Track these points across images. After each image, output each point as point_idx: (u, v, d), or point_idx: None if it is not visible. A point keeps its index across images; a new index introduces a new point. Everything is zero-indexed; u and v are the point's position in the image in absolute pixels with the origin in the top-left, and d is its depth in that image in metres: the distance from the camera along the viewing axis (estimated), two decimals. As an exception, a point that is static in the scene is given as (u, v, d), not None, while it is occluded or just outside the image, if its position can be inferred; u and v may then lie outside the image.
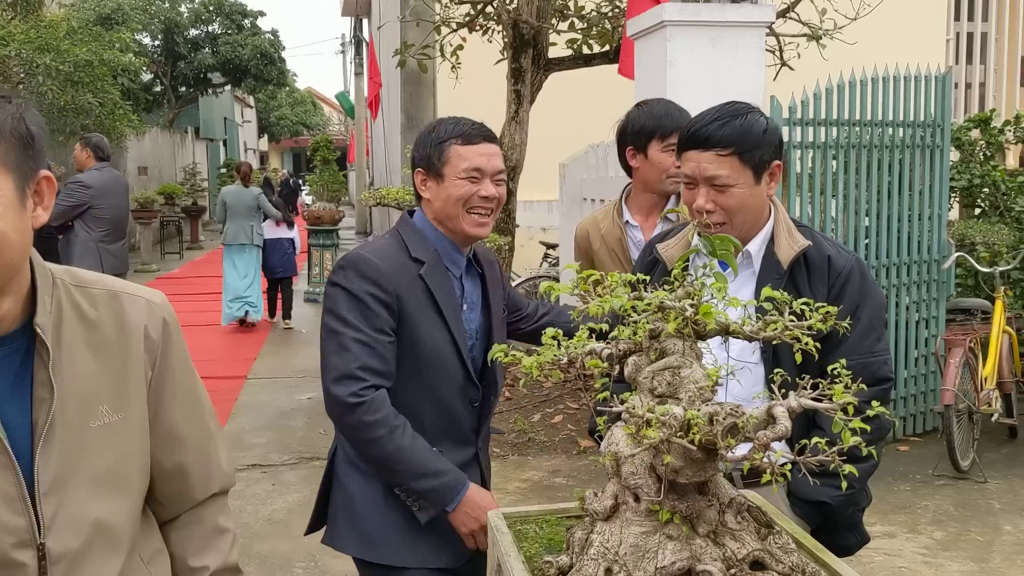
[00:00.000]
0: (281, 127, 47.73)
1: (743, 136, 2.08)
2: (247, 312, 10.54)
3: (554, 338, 1.71)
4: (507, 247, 6.81)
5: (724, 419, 1.36)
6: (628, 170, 3.05)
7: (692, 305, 1.48)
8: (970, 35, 13.49)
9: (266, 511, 5.19)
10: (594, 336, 1.70)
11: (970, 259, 6.19)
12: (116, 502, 1.47)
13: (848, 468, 1.28)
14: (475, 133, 2.27)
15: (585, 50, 7.33)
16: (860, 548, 2.32)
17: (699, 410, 1.38)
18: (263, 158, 53.53)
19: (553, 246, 11.51)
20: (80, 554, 1.40)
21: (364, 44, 24.01)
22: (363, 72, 25.33)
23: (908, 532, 4.71)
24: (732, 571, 1.45)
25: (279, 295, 11.13)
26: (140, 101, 24.44)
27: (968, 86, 13.65)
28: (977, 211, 7.47)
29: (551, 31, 7.09)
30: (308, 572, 4.40)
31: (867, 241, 5.94)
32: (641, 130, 2.93)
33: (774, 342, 1.53)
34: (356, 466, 2.31)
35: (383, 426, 2.13)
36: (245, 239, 10.26)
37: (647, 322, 1.58)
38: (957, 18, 13.49)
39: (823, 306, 1.54)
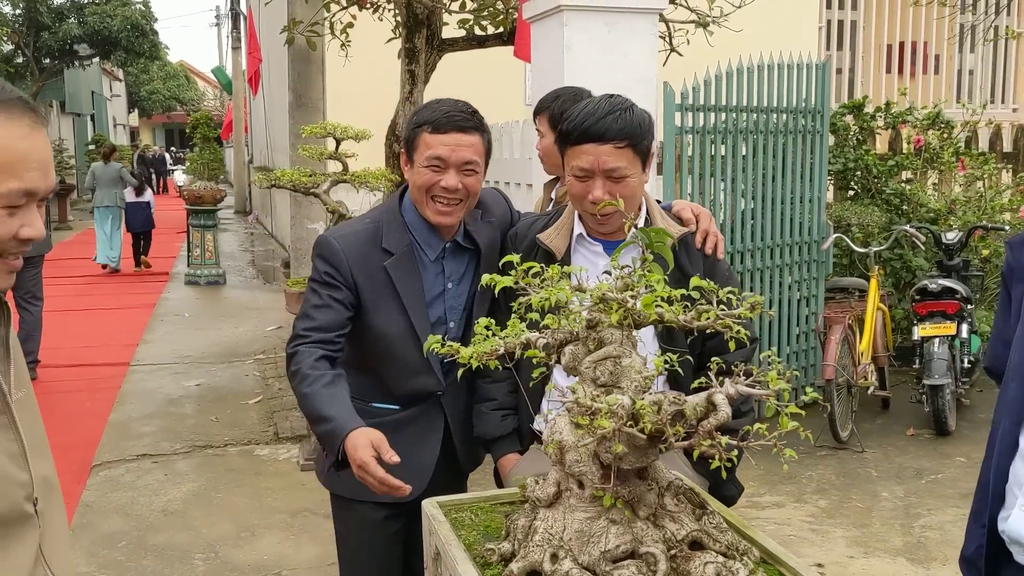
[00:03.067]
0: (153, 102, 45.89)
1: (635, 128, 2.18)
2: (109, 260, 13.59)
3: (487, 328, 1.74)
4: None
5: (668, 407, 1.41)
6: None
7: (632, 297, 1.53)
8: (840, 23, 14.06)
9: (160, 502, 5.04)
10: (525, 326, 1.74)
11: (847, 239, 6.50)
12: (50, 465, 1.54)
13: (788, 452, 1.35)
14: (447, 122, 2.29)
15: (479, 31, 7.31)
16: (739, 497, 2.47)
17: (643, 399, 1.43)
18: (134, 133, 51.44)
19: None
20: (46, 510, 1.47)
21: (242, 17, 23.31)
22: (240, 47, 24.58)
23: (795, 501, 4.95)
24: (672, 552, 1.52)
25: (140, 248, 14.12)
26: (0, 73, 23.09)
27: (839, 72, 14.23)
28: (850, 193, 7.83)
29: (444, 11, 7.04)
30: (209, 563, 4.31)
31: (752, 222, 6.16)
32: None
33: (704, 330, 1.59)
34: None
35: (297, 375, 2.27)
36: (110, 203, 13.36)
37: (586, 313, 1.62)
38: (829, 6, 14.03)
39: (751, 295, 1.62)
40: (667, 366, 1.49)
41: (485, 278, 1.69)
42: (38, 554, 1.46)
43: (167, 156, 39.06)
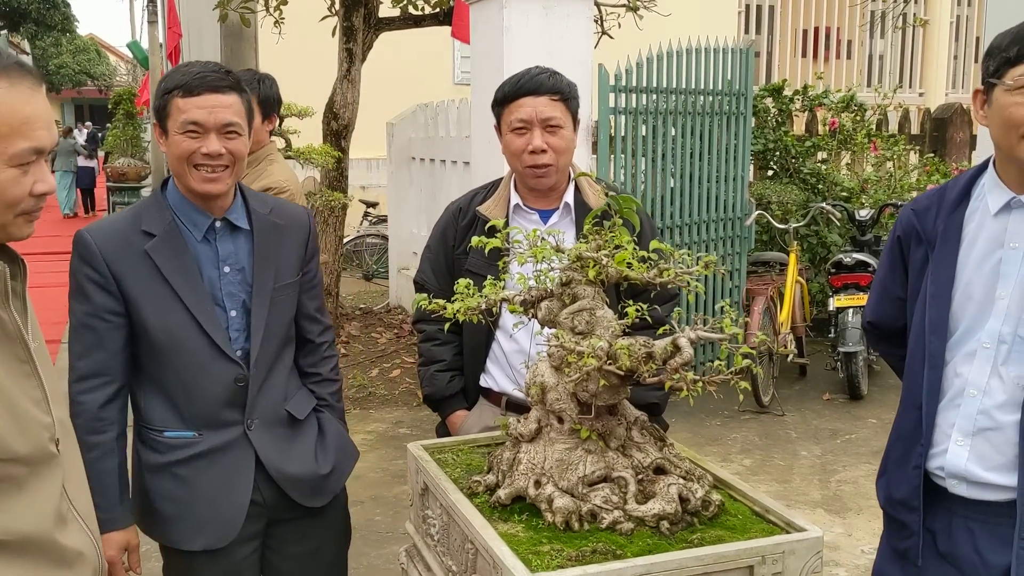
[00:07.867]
0: (61, 76, 44.39)
1: (565, 87, 2.46)
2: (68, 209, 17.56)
3: (467, 287, 1.94)
4: (340, 206, 6.87)
5: (639, 349, 1.63)
6: None
7: (607, 255, 1.74)
8: (759, 7, 14.51)
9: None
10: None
11: (768, 216, 6.84)
12: (65, 409, 1.69)
13: (743, 384, 1.58)
14: (199, 84, 2.04)
15: (414, 11, 7.44)
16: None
17: (618, 343, 1.64)
18: (41, 109, 49.60)
19: (373, 204, 11.66)
20: (67, 451, 1.61)
21: (160, -9, 22.73)
22: (158, 20, 24.01)
23: (722, 461, 5.27)
24: (640, 476, 1.74)
25: (89, 200, 18.70)
26: (-98, 44, 22.22)
27: (756, 55, 14.71)
28: (769, 173, 8.21)
29: (380, -10, 7.16)
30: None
31: (680, 200, 6.45)
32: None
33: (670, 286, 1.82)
34: (133, 446, 2.25)
35: (82, 439, 1.91)
36: (66, 168, 17.44)
37: (561, 272, 1.83)
38: (747, -10, 14.46)
39: (706, 255, 1.85)
40: (639, 315, 1.71)
41: (474, 240, 1.88)
42: (62, 491, 1.61)
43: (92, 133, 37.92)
